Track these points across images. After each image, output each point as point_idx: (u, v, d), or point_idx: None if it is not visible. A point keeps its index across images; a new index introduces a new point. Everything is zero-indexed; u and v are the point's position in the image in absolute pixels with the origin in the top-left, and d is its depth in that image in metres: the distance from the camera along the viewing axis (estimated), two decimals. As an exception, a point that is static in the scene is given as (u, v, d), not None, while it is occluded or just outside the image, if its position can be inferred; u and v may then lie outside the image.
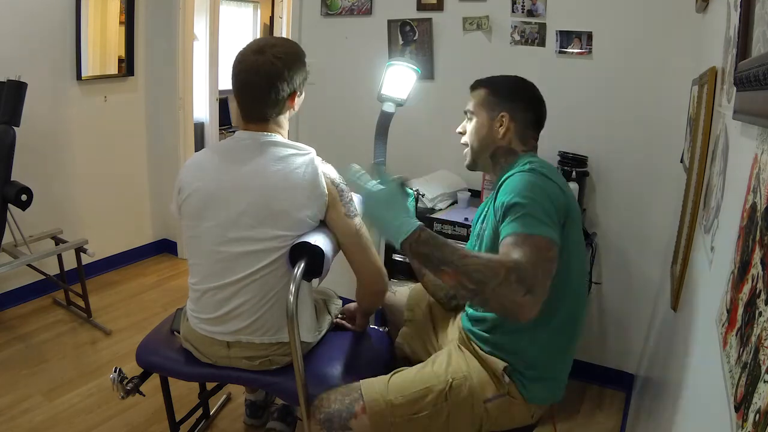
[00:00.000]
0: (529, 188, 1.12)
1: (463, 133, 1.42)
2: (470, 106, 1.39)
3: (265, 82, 1.30)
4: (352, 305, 1.65)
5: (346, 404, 1.26)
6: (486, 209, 1.36)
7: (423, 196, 1.48)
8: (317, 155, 1.39)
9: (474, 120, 1.38)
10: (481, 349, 1.30)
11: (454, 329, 1.51)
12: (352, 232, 1.38)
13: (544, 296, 0.99)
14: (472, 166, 1.42)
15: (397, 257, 2.17)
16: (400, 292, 1.70)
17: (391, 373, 1.32)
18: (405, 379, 1.30)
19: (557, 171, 1.29)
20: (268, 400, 2.00)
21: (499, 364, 1.25)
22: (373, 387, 1.28)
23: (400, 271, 2.19)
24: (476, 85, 1.40)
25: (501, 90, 1.36)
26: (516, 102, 1.34)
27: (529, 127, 1.36)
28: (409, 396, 1.25)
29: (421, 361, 1.39)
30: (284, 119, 1.41)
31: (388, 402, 1.24)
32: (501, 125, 1.33)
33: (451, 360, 1.33)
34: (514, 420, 1.28)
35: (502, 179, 1.21)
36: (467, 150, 1.41)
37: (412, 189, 1.43)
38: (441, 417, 1.24)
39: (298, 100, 1.42)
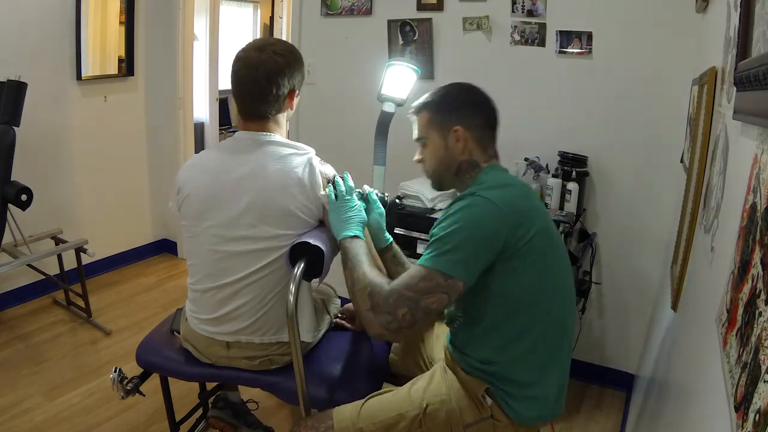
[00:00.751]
0: (457, 218, 1.10)
1: (421, 161, 1.34)
2: (418, 133, 1.31)
3: (265, 77, 1.30)
4: (352, 305, 1.64)
5: (321, 430, 1.22)
6: None
7: (386, 195, 1.59)
8: (317, 155, 1.39)
9: (428, 144, 1.29)
10: (463, 370, 1.23)
11: (440, 347, 1.46)
12: None
13: (394, 321, 1.08)
14: (439, 188, 1.36)
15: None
16: None
17: (367, 397, 1.28)
18: (379, 404, 1.25)
19: (512, 183, 1.23)
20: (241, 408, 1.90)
21: (480, 385, 1.18)
22: (345, 415, 1.24)
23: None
24: (417, 110, 1.32)
25: (442, 105, 1.28)
26: (461, 110, 1.27)
27: (485, 130, 1.28)
28: (380, 423, 1.20)
29: (412, 375, 1.35)
30: (282, 119, 1.41)
31: (358, 430, 1.20)
32: (457, 140, 1.25)
33: (431, 382, 1.26)
34: None
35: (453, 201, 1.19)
36: (428, 175, 1.34)
37: (376, 195, 1.43)
38: None
39: (296, 101, 1.42)
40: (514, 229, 1.10)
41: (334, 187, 1.34)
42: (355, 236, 1.26)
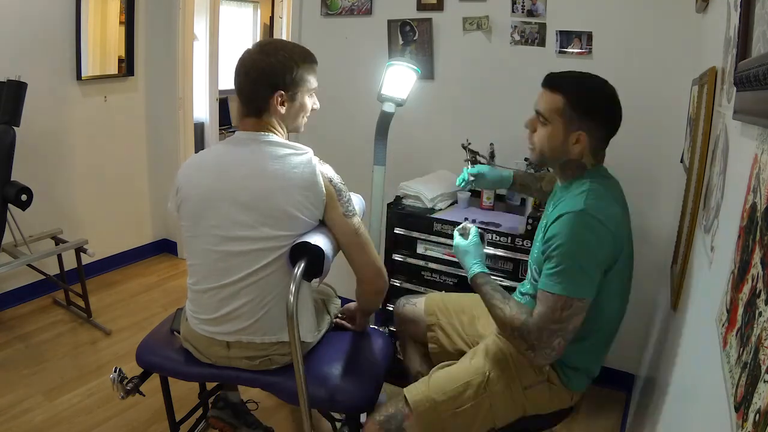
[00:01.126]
0: (574, 240, 1.19)
1: (529, 128, 1.36)
2: (544, 110, 1.30)
3: (256, 76, 1.32)
4: (352, 305, 1.65)
5: (399, 407, 1.33)
6: (546, 219, 1.36)
7: (485, 233, 1.81)
8: (316, 155, 1.39)
9: (548, 126, 1.30)
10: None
11: (484, 323, 1.58)
12: (351, 231, 1.38)
13: (553, 351, 1.20)
14: (538, 167, 1.46)
15: (397, 257, 2.17)
16: (420, 302, 1.74)
17: (432, 370, 1.40)
18: (445, 376, 1.37)
19: (613, 196, 1.30)
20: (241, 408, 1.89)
21: None
22: (417, 390, 1.35)
23: (400, 271, 2.20)
24: (553, 87, 1.29)
25: (582, 104, 1.26)
26: (596, 120, 1.28)
27: (604, 141, 1.33)
28: (450, 392, 1.32)
29: (462, 352, 1.49)
30: (276, 122, 1.38)
31: (431, 400, 1.31)
32: (576, 142, 1.28)
33: (488, 352, 1.40)
34: (554, 404, 1.36)
35: (558, 214, 1.23)
36: (534, 151, 1.36)
37: (479, 228, 1.55)
38: (483, 407, 1.32)
39: (291, 105, 1.38)
40: (619, 249, 1.24)
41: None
42: (474, 275, 1.39)
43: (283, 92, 1.35)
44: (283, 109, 1.37)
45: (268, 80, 1.33)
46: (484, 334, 1.57)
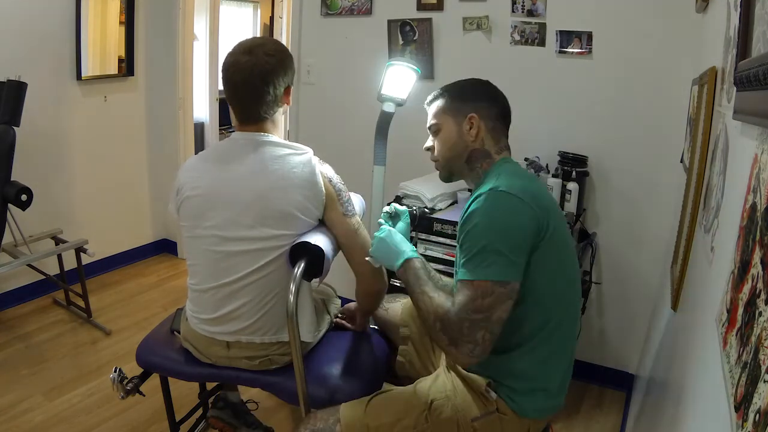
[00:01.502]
0: (484, 219, 1.09)
1: (431, 149, 1.36)
2: (433, 120, 1.34)
3: (260, 80, 1.30)
4: (352, 305, 1.64)
5: (329, 424, 1.23)
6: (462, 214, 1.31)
7: (415, 209, 1.64)
8: (316, 155, 1.39)
9: (441, 131, 1.32)
10: (464, 368, 1.25)
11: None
12: (351, 231, 1.38)
13: (477, 347, 1.06)
14: (448, 178, 1.37)
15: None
16: (393, 308, 1.64)
17: (373, 394, 1.29)
18: (385, 401, 1.26)
19: (529, 177, 1.26)
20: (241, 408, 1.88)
21: (481, 380, 1.20)
22: (351, 410, 1.25)
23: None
24: (432, 99, 1.35)
25: (460, 93, 1.31)
26: (478, 101, 1.29)
27: (498, 121, 1.30)
28: (385, 419, 1.20)
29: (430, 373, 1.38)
30: (279, 116, 1.41)
31: (364, 426, 1.20)
32: (471, 127, 1.27)
33: (436, 381, 1.28)
34: None
35: (476, 193, 1.18)
36: (438, 164, 1.35)
37: (406, 208, 1.46)
38: None
39: (287, 102, 1.42)
40: (539, 223, 1.11)
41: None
42: (405, 261, 1.23)
43: (291, 85, 1.37)
44: (285, 108, 1.40)
45: (278, 80, 1.32)
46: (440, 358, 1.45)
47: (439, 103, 1.33)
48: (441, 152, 1.33)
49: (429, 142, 1.37)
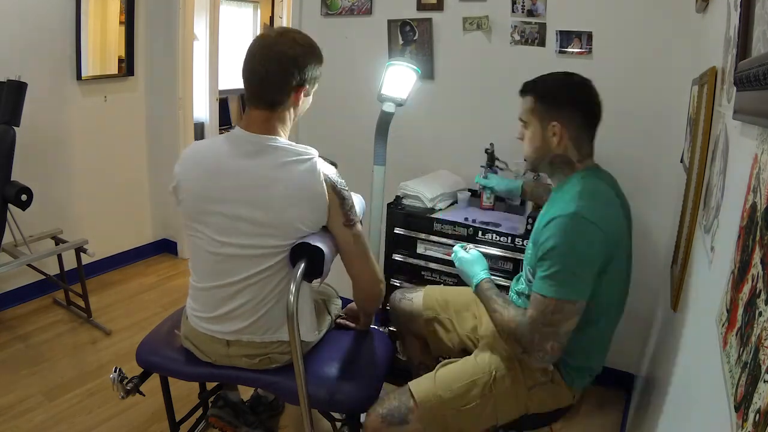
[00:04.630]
0: (564, 243, 1.19)
1: (521, 139, 1.42)
2: (522, 114, 1.38)
3: (277, 60, 1.25)
4: (354, 305, 1.64)
5: (403, 401, 1.34)
6: (539, 221, 1.37)
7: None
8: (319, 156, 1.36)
9: (529, 129, 1.37)
10: None
11: (485, 324, 1.58)
12: (350, 239, 1.36)
13: (546, 354, 1.21)
14: (533, 170, 1.50)
15: (397, 257, 2.17)
16: (416, 298, 1.74)
17: (437, 367, 1.40)
18: (451, 373, 1.38)
19: (606, 197, 1.30)
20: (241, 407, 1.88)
21: None
22: (422, 384, 1.36)
23: (400, 271, 2.20)
24: (524, 91, 1.38)
25: (549, 96, 1.33)
26: (565, 108, 1.32)
27: (583, 129, 1.35)
28: (456, 390, 1.33)
29: (462, 348, 1.51)
30: (287, 117, 1.34)
31: (437, 397, 1.33)
32: (554, 134, 1.32)
33: (493, 350, 1.42)
34: (556, 402, 1.38)
35: (550, 218, 1.25)
36: (525, 157, 1.42)
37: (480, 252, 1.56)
38: (488, 406, 1.33)
39: (305, 100, 1.36)
40: (612, 250, 1.23)
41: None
42: (480, 281, 1.39)
43: (307, 86, 1.32)
44: (298, 105, 1.34)
45: (295, 70, 1.27)
46: (485, 333, 1.57)
47: (528, 99, 1.36)
48: (527, 149, 1.40)
49: (519, 133, 1.42)
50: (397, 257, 2.17)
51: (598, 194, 1.29)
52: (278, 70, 1.26)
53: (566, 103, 1.33)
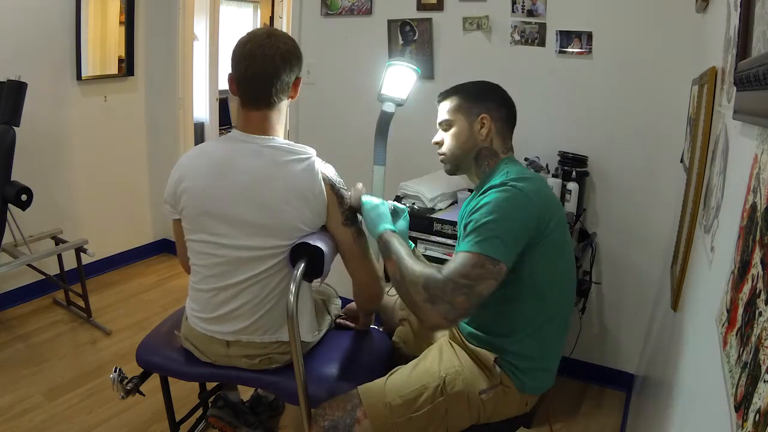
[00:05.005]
0: (494, 207, 1.18)
1: (439, 143, 1.43)
2: (445, 116, 1.41)
3: (280, 59, 1.28)
4: (354, 305, 1.64)
5: (348, 410, 1.28)
6: (464, 213, 1.38)
7: (414, 205, 1.69)
8: (317, 156, 1.37)
9: (453, 128, 1.39)
10: (470, 343, 1.36)
11: None
12: (350, 238, 1.37)
13: (453, 309, 1.11)
14: (453, 172, 1.45)
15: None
16: (392, 292, 1.68)
17: (388, 374, 1.35)
18: (400, 379, 1.32)
19: (535, 176, 1.32)
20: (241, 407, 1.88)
21: (489, 355, 1.30)
22: (371, 391, 1.30)
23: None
24: (445, 96, 1.42)
25: (474, 94, 1.39)
26: (490, 102, 1.38)
27: (506, 124, 1.40)
28: (406, 396, 1.27)
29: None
30: (285, 106, 1.38)
31: (387, 404, 1.26)
32: (482, 126, 1.36)
33: (442, 356, 1.36)
34: (509, 410, 1.31)
35: (483, 189, 1.27)
36: (446, 158, 1.42)
37: (405, 207, 1.54)
38: (439, 413, 1.27)
39: (294, 96, 1.40)
40: (542, 218, 1.20)
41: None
42: (392, 230, 1.30)
43: (300, 79, 1.36)
44: (297, 95, 1.38)
45: (289, 66, 1.30)
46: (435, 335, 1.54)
47: (452, 100, 1.40)
48: (451, 148, 1.40)
49: (438, 137, 1.44)
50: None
51: (528, 174, 1.29)
52: (281, 67, 1.29)
53: (491, 98, 1.39)
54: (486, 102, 1.37)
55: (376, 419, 1.25)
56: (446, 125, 1.41)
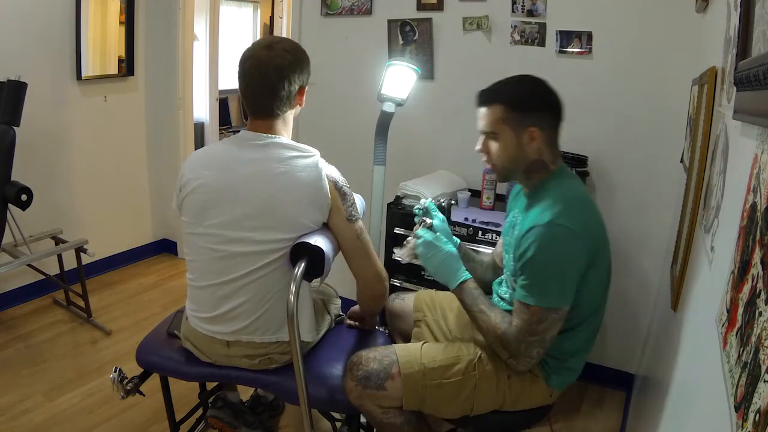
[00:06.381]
0: (544, 252, 1.19)
1: (483, 152, 1.34)
2: (489, 126, 1.30)
3: (277, 74, 1.30)
4: (357, 307, 1.64)
5: (384, 365, 1.32)
6: (514, 226, 1.37)
7: (442, 201, 1.74)
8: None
9: (499, 139, 1.29)
10: None
11: (465, 324, 1.57)
12: (352, 235, 1.38)
13: (533, 360, 1.24)
14: (505, 181, 1.47)
15: (397, 257, 2.16)
16: (408, 298, 1.74)
17: (422, 342, 1.40)
18: (436, 347, 1.38)
19: (581, 202, 1.28)
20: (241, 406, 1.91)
21: None
22: (408, 350, 1.35)
23: (400, 271, 2.20)
24: (488, 101, 1.30)
25: (520, 102, 1.28)
26: (539, 110, 1.29)
27: (555, 131, 1.32)
28: (441, 361, 1.33)
29: None
30: (291, 116, 1.40)
31: (422, 365, 1.31)
32: (532, 140, 1.27)
33: (477, 340, 1.41)
34: (534, 398, 1.36)
35: (533, 208, 1.26)
36: (495, 169, 1.35)
37: (434, 203, 1.53)
38: (469, 385, 1.31)
39: (301, 102, 1.42)
40: (591, 251, 1.22)
41: (428, 225, 1.44)
42: (461, 282, 1.34)
43: (305, 87, 1.38)
44: (298, 108, 1.40)
45: (294, 76, 1.33)
46: (471, 335, 1.55)
47: (497, 110, 1.28)
48: (499, 160, 1.32)
49: (481, 146, 1.34)
50: (397, 258, 2.16)
51: (576, 200, 1.27)
52: (278, 83, 1.31)
53: (540, 105, 1.29)
54: (535, 112, 1.28)
55: (408, 377, 1.30)
56: (492, 136, 1.31)
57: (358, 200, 1.54)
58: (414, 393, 1.30)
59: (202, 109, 4.39)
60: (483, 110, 1.31)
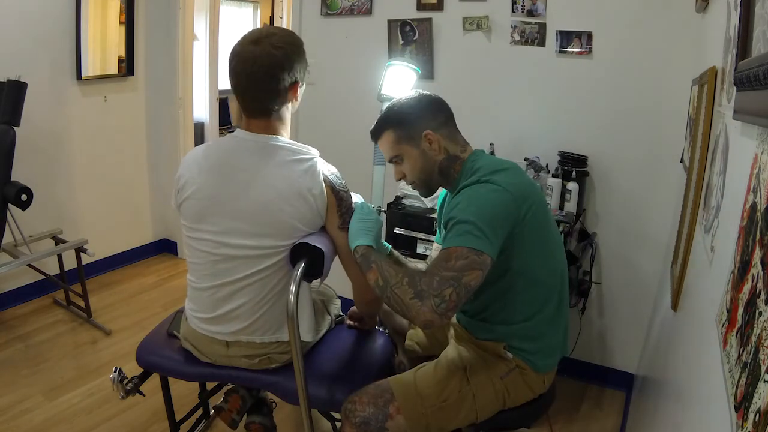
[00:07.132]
0: (471, 203, 1.19)
1: (400, 177, 1.41)
2: (391, 152, 1.38)
3: (263, 73, 1.25)
4: (357, 307, 1.64)
5: (380, 406, 1.28)
6: (441, 212, 1.41)
7: (381, 208, 1.74)
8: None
9: (405, 158, 1.37)
10: (476, 337, 1.39)
11: (449, 327, 1.56)
12: (345, 243, 1.35)
13: (443, 302, 1.08)
14: (430, 193, 1.44)
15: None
16: None
17: (414, 369, 1.39)
18: (427, 371, 1.37)
19: (508, 167, 1.29)
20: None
21: (498, 345, 1.34)
22: (402, 382, 1.33)
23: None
24: (378, 133, 1.39)
25: (404, 118, 1.35)
26: (422, 117, 1.35)
27: (449, 125, 1.37)
28: (434, 386, 1.31)
29: (435, 355, 1.45)
30: (287, 112, 1.36)
31: (418, 394, 1.30)
32: (431, 143, 1.33)
33: (459, 352, 1.40)
34: (531, 390, 1.36)
35: (458, 189, 1.28)
36: (416, 185, 1.41)
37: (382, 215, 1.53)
38: (468, 399, 1.31)
39: (300, 91, 1.37)
40: (518, 206, 1.21)
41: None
42: (368, 246, 1.27)
43: (300, 80, 1.33)
44: (295, 103, 1.37)
45: (284, 73, 1.27)
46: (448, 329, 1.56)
47: (388, 135, 1.37)
48: (413, 176, 1.39)
49: (397, 173, 1.41)
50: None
51: (494, 163, 1.29)
52: (267, 81, 1.26)
53: (420, 112, 1.35)
54: (420, 120, 1.34)
55: (409, 411, 1.28)
56: (398, 160, 1.38)
57: (357, 199, 1.53)
58: (418, 423, 1.29)
59: (202, 108, 4.39)
60: (379, 143, 1.40)
